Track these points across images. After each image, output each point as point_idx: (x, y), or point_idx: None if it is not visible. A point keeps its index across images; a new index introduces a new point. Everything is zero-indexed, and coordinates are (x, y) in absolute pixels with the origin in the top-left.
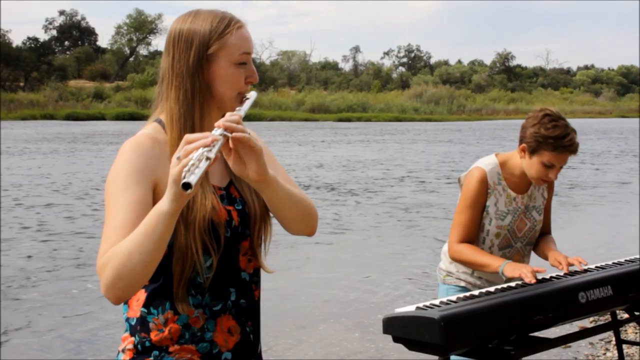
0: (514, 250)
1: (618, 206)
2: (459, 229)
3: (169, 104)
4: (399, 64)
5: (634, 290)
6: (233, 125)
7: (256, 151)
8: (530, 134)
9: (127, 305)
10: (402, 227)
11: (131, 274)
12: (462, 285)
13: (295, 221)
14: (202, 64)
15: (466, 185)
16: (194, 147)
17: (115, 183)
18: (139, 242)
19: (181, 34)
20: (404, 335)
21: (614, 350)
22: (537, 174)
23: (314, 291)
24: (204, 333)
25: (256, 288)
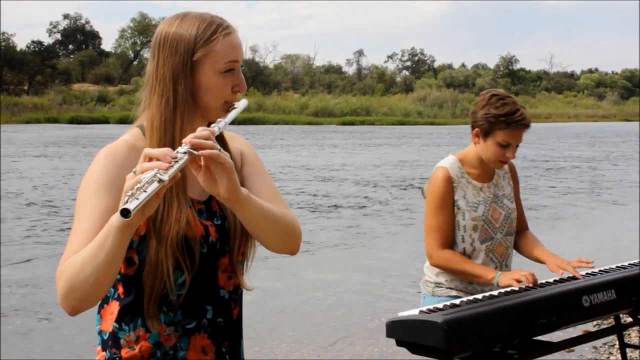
0: (496, 242)
1: (621, 209)
2: (435, 234)
3: (151, 110)
4: (403, 68)
5: (638, 294)
6: (200, 141)
7: (227, 168)
8: (480, 117)
9: (100, 316)
10: (406, 231)
11: (83, 286)
12: (454, 294)
13: (273, 241)
14: (186, 72)
15: (431, 187)
16: (150, 166)
17: (86, 191)
18: (92, 255)
19: (167, 38)
20: (407, 339)
21: (617, 354)
22: (494, 156)
23: (317, 294)
24: (176, 352)
25: (235, 306)
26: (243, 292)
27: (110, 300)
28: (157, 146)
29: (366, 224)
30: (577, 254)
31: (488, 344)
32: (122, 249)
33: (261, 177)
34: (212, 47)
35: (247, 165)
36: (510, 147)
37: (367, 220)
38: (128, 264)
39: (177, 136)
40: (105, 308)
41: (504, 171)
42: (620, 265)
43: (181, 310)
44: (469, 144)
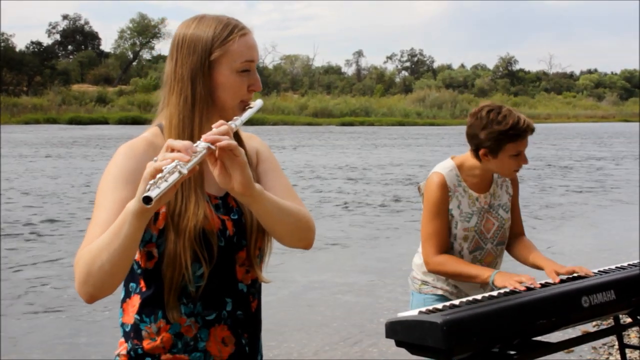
0: (485, 252)
1: (621, 209)
2: (432, 240)
3: (170, 109)
4: (402, 69)
5: (637, 294)
6: (217, 137)
7: (240, 162)
8: (485, 137)
9: (123, 310)
10: (404, 230)
11: (100, 272)
12: (440, 293)
13: (287, 235)
14: (204, 71)
15: (427, 193)
16: (172, 157)
17: (106, 183)
18: (108, 241)
19: (184, 39)
20: (406, 340)
21: (616, 355)
22: (510, 168)
23: (316, 295)
24: (197, 342)
25: (254, 299)
26: (262, 287)
27: (132, 294)
28: None
29: (365, 222)
30: (577, 254)
31: (487, 344)
32: (138, 235)
33: (276, 174)
34: (229, 47)
35: (263, 163)
36: (522, 155)
37: (366, 219)
38: (148, 257)
39: (196, 134)
40: (128, 302)
41: (503, 179)
42: (620, 265)
43: (201, 301)
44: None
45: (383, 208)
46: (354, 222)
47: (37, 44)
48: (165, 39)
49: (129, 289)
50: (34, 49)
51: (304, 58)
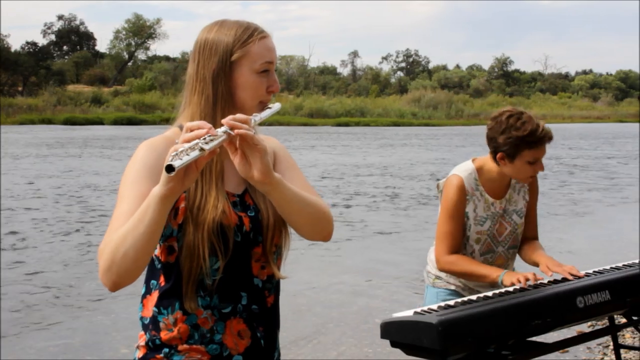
0: (496, 255)
1: (616, 210)
2: (445, 240)
3: (192, 108)
4: (398, 69)
5: (632, 295)
6: (237, 123)
7: (260, 150)
8: (503, 141)
9: (143, 305)
10: (400, 231)
11: (124, 258)
12: (452, 288)
13: (306, 226)
14: (225, 71)
15: (445, 193)
16: (191, 136)
17: (127, 177)
18: (132, 226)
19: (206, 42)
20: (401, 340)
21: (611, 355)
22: (526, 174)
23: (311, 295)
24: (213, 335)
25: (269, 295)
26: (280, 283)
27: (153, 290)
28: None
29: (360, 223)
30: (573, 254)
31: (482, 344)
32: (162, 220)
33: (294, 172)
34: (249, 48)
35: (280, 163)
36: (539, 162)
37: (361, 220)
38: (169, 252)
39: None
40: (148, 298)
41: (521, 184)
42: (615, 266)
43: (217, 294)
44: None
45: (383, 210)
46: (351, 224)
47: (32, 45)
48: (161, 40)
49: (150, 285)
50: (29, 50)
51: (299, 58)
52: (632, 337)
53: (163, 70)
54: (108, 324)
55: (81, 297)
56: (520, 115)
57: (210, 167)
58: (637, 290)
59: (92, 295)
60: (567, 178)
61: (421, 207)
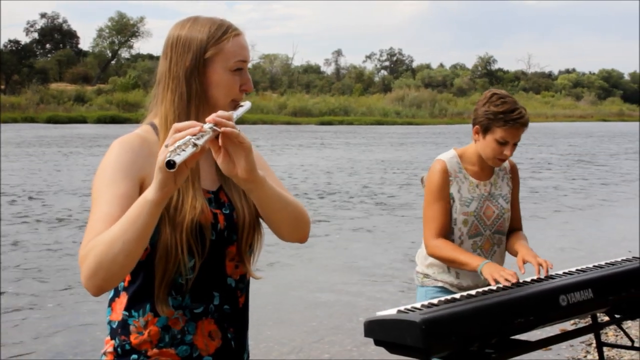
0: (484, 239)
1: (601, 209)
2: (432, 224)
3: (165, 106)
4: (381, 68)
5: (615, 293)
6: (223, 120)
7: (245, 148)
8: (481, 114)
9: (111, 308)
10: (384, 230)
11: (112, 263)
12: (440, 285)
13: (285, 225)
14: (199, 68)
15: (429, 179)
16: (182, 135)
17: (103, 177)
18: (122, 231)
19: (179, 39)
20: (385, 339)
21: (594, 353)
22: (492, 153)
23: (296, 294)
24: (184, 335)
25: (241, 295)
26: (250, 282)
27: (120, 292)
28: None
29: (344, 222)
30: (555, 254)
31: (466, 343)
32: (153, 224)
33: (268, 173)
34: (223, 46)
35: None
36: (508, 145)
37: (345, 219)
38: None
39: None
40: (116, 301)
41: (505, 171)
42: (597, 264)
43: (189, 294)
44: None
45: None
46: (336, 222)
47: (14, 43)
48: (144, 38)
49: (118, 287)
50: (11, 48)
51: (283, 57)
52: (615, 335)
53: (146, 69)
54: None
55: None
56: (504, 96)
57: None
58: (620, 289)
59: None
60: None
61: (404, 206)
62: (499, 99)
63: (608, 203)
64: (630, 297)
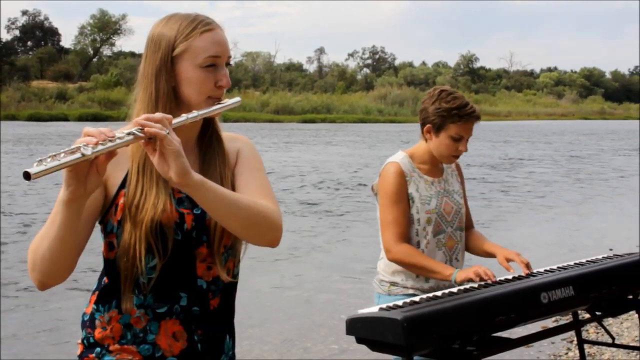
0: (447, 236)
1: (583, 206)
2: (393, 228)
3: (137, 105)
4: (364, 66)
5: (596, 290)
6: (148, 122)
7: (172, 151)
8: (432, 112)
9: (89, 301)
10: (366, 228)
11: (42, 260)
12: (411, 292)
13: (238, 230)
14: (167, 66)
15: (383, 183)
16: (80, 140)
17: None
18: (46, 230)
19: (153, 37)
20: (367, 336)
21: (575, 350)
22: (448, 150)
23: (278, 291)
24: (146, 335)
25: (214, 297)
26: (235, 285)
27: (100, 288)
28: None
29: (326, 220)
30: (536, 251)
31: (447, 340)
32: (71, 223)
33: (251, 174)
34: (191, 42)
35: (241, 163)
36: (463, 141)
37: (328, 218)
38: (109, 248)
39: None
40: (95, 294)
41: (452, 169)
42: (578, 262)
43: (152, 294)
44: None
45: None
46: (318, 221)
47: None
48: (126, 36)
49: (101, 282)
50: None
51: (265, 55)
52: (596, 332)
53: (129, 67)
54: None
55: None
56: (453, 92)
57: (151, 165)
58: (601, 286)
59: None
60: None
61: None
62: (449, 95)
63: (590, 200)
64: (611, 295)
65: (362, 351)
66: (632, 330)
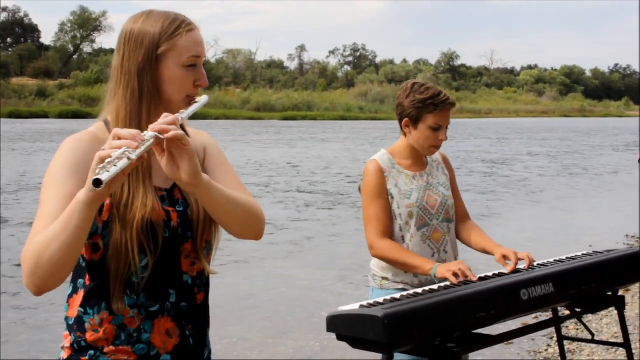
0: (432, 228)
1: (561, 203)
2: (374, 223)
3: (117, 101)
4: (345, 63)
5: (575, 287)
6: (165, 126)
7: (188, 152)
8: (408, 105)
9: (68, 304)
10: (348, 225)
11: (49, 263)
12: (401, 287)
13: (236, 226)
14: (151, 64)
15: (364, 180)
16: (119, 144)
17: (51, 176)
18: (58, 231)
19: (132, 33)
20: (347, 334)
21: (555, 346)
22: (428, 141)
23: (257, 289)
24: (140, 334)
25: (199, 291)
26: (210, 279)
27: (79, 290)
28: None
29: (307, 217)
30: (519, 249)
31: (428, 337)
32: (88, 225)
33: (224, 169)
34: (176, 41)
35: (210, 159)
36: (442, 130)
37: (308, 214)
38: (93, 249)
39: (144, 127)
40: (74, 297)
41: (437, 162)
42: (558, 258)
43: (144, 293)
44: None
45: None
46: (299, 217)
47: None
48: (107, 33)
49: (77, 284)
50: None
51: (246, 52)
52: (576, 328)
53: (109, 63)
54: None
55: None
56: (425, 84)
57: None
58: (580, 283)
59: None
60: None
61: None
62: (422, 86)
63: (572, 198)
64: (591, 291)
65: (343, 348)
66: (611, 327)
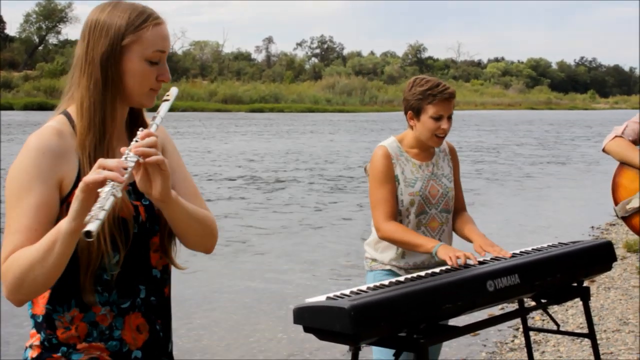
0: (429, 217)
1: (527, 195)
2: (381, 206)
3: (80, 91)
4: (312, 55)
5: (541, 278)
6: (147, 150)
7: (165, 175)
8: (410, 98)
9: (32, 302)
10: (316, 217)
11: (33, 283)
12: (388, 269)
13: (193, 240)
14: (115, 55)
15: (372, 164)
16: (105, 175)
17: (19, 182)
18: (41, 257)
19: (98, 23)
20: (314, 325)
21: (521, 337)
22: (430, 131)
23: (226, 281)
24: (112, 331)
25: (166, 285)
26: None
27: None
28: (87, 127)
29: (275, 209)
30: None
31: (394, 329)
32: (70, 251)
33: (182, 174)
34: (142, 34)
35: (169, 162)
36: (443, 119)
37: (277, 206)
38: None
39: (107, 118)
40: (42, 294)
41: (444, 153)
42: (524, 250)
43: (116, 289)
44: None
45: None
46: (266, 209)
47: None
48: (72, 24)
49: None
50: None
51: (213, 44)
52: (542, 319)
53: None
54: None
55: None
56: (425, 77)
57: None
58: (546, 274)
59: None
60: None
61: (339, 193)
62: (422, 79)
63: (539, 189)
64: (556, 282)
65: (310, 340)
66: (576, 317)
